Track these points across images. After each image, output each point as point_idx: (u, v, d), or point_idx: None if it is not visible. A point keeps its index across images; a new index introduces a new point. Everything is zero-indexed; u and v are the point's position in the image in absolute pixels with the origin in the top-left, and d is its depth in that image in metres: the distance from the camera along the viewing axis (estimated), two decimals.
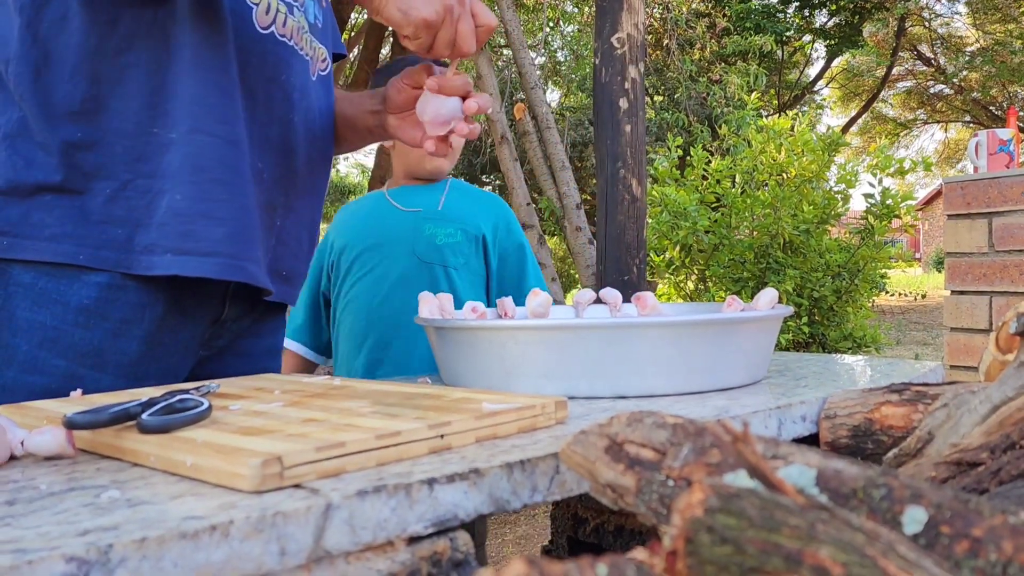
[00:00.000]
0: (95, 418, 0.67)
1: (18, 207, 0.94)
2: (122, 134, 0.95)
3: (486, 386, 0.97)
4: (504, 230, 1.88)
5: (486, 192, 1.99)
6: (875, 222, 4.20)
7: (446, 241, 1.78)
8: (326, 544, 0.52)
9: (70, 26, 0.94)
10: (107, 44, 0.95)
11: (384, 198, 1.86)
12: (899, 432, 0.82)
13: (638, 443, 0.54)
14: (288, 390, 0.90)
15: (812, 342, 4.12)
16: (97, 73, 0.95)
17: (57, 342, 0.94)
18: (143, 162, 0.96)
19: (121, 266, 0.95)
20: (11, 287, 0.94)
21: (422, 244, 1.77)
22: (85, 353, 0.96)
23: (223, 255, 0.99)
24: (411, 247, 1.77)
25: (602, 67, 2.86)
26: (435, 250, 1.77)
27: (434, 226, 1.79)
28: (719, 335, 0.94)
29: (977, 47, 15.80)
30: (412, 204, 1.82)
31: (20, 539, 0.46)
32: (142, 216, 0.96)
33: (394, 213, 1.82)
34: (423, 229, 1.78)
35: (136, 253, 0.96)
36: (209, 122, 0.98)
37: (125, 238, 0.95)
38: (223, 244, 0.99)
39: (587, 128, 9.83)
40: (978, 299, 2.31)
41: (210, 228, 0.98)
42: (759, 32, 10.08)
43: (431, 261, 1.76)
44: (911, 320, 11.22)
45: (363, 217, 1.86)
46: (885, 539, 0.37)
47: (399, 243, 1.78)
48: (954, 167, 22.86)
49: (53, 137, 0.94)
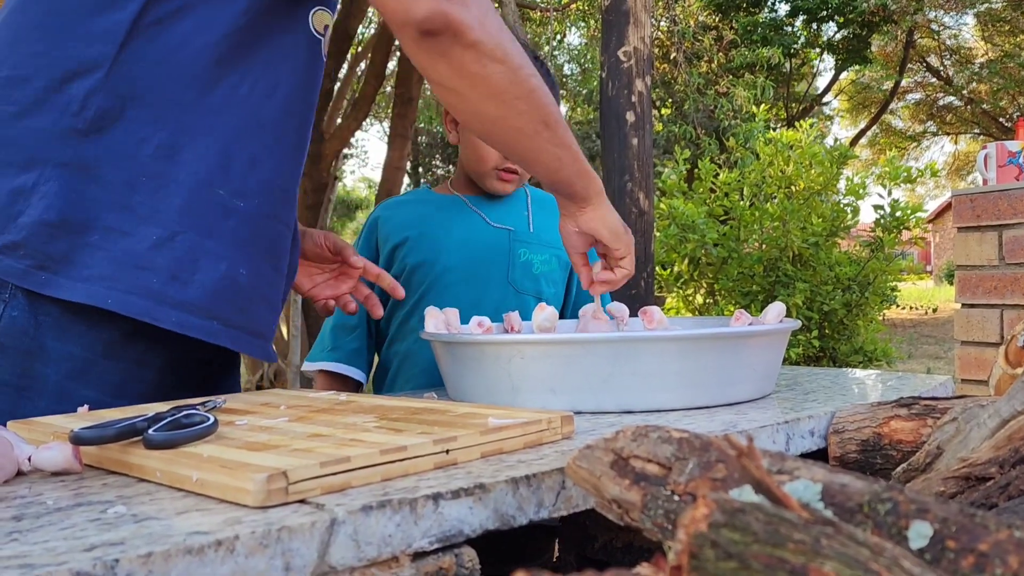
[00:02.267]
0: (101, 433, 0.67)
1: (64, 243, 0.91)
2: (186, 185, 0.94)
3: (492, 401, 0.97)
4: None
5: None
6: (885, 235, 4.19)
7: (543, 270, 1.55)
8: (331, 560, 0.52)
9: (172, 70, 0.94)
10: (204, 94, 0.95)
11: (464, 205, 1.56)
12: (908, 447, 0.81)
13: (643, 458, 0.54)
14: (294, 405, 0.90)
15: (822, 356, 4.10)
16: (182, 122, 0.94)
17: (87, 373, 0.94)
18: (198, 217, 0.95)
19: (148, 315, 0.92)
20: (40, 317, 0.92)
21: (517, 271, 1.52)
22: (114, 384, 0.95)
23: (266, 338, 1.03)
24: (505, 273, 1.52)
25: (609, 81, 2.87)
26: (531, 279, 1.54)
27: (529, 251, 1.54)
28: (726, 349, 0.94)
29: (985, 59, 15.78)
30: (498, 219, 1.55)
31: (27, 554, 0.47)
32: (182, 270, 0.94)
33: (483, 229, 1.54)
34: (518, 253, 1.53)
35: (167, 306, 0.93)
36: (280, 207, 1.02)
37: (159, 287, 0.93)
38: (270, 328, 1.04)
39: (594, 141, 9.85)
40: (989, 312, 2.30)
41: (265, 313, 1.02)
42: (766, 45, 10.10)
43: (524, 291, 1.53)
44: (923, 333, 11.16)
45: (442, 227, 1.54)
46: (890, 554, 0.37)
47: (492, 267, 1.52)
48: (964, 179, 22.79)
49: (115, 175, 0.92)
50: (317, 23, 1.04)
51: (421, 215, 1.56)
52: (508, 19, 4.94)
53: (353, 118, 6.75)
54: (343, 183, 17.58)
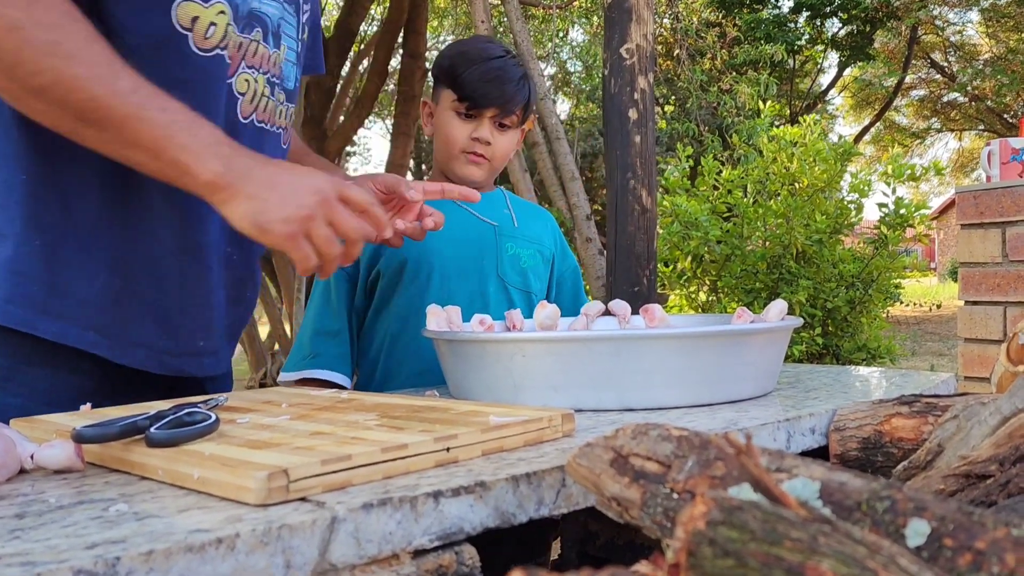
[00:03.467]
0: (104, 432, 0.68)
1: None
2: (89, 215, 0.95)
3: (494, 399, 0.97)
4: (561, 252, 1.65)
5: (538, 206, 1.75)
6: (889, 232, 4.18)
7: (529, 264, 1.54)
8: (331, 557, 0.52)
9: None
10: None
11: (450, 201, 1.46)
12: (909, 444, 0.81)
13: (643, 456, 0.54)
14: (295, 403, 0.90)
15: (826, 353, 4.09)
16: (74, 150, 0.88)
17: (10, 380, 0.95)
18: (74, 229, 0.95)
19: (27, 326, 0.93)
20: None
21: (506, 265, 1.51)
22: (42, 391, 0.95)
23: (159, 350, 1.03)
24: (495, 267, 1.51)
25: (611, 78, 2.87)
26: (520, 273, 1.53)
27: (516, 245, 1.53)
28: (727, 347, 0.94)
29: (990, 55, 15.74)
30: (483, 214, 1.54)
31: (29, 552, 0.47)
32: (59, 280, 0.95)
33: (471, 223, 1.52)
34: (505, 247, 1.52)
35: (48, 317, 0.94)
36: (158, 225, 0.99)
37: (42, 297, 0.94)
38: (161, 340, 1.03)
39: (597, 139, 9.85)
40: (992, 309, 2.29)
41: (151, 327, 1.01)
42: (770, 42, 10.08)
43: (513, 285, 1.52)
44: (926, 331, 11.14)
45: None
46: (887, 552, 0.37)
47: (482, 260, 1.50)
48: (968, 176, 22.73)
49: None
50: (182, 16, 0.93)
51: None
52: (511, 16, 4.94)
53: (356, 116, 6.74)
54: None
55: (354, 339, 1.52)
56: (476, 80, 1.46)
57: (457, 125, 1.49)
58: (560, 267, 1.64)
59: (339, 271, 1.50)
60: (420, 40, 6.17)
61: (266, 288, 7.57)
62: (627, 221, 2.82)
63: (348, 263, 0.89)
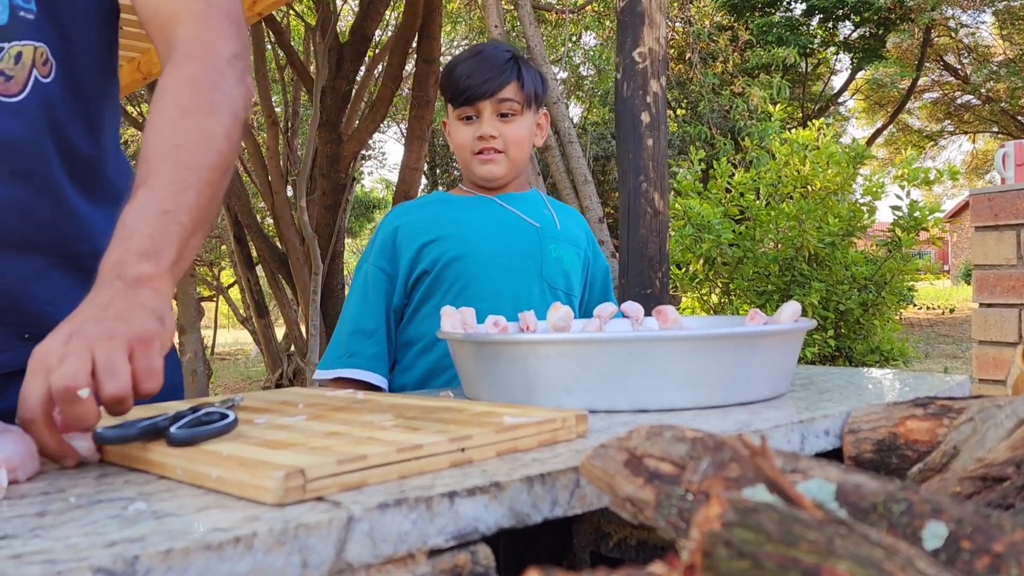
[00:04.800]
0: (124, 433, 0.68)
1: None
2: None
3: (508, 400, 0.97)
4: (593, 253, 1.63)
5: (569, 207, 1.73)
6: (902, 234, 4.16)
7: (571, 266, 1.54)
8: (347, 557, 0.53)
9: None
10: None
11: (493, 202, 1.54)
12: (924, 447, 0.81)
13: (657, 457, 0.55)
14: (311, 404, 0.91)
15: (839, 355, 4.08)
16: None
17: None
18: None
19: None
20: None
21: (550, 267, 1.50)
22: None
23: None
24: (539, 269, 1.49)
25: (624, 81, 2.87)
26: (563, 275, 1.52)
27: (558, 247, 1.52)
28: (740, 349, 0.94)
29: (1004, 57, 15.64)
30: (526, 215, 1.54)
31: (50, 550, 0.47)
32: None
33: (515, 223, 1.51)
34: (548, 249, 1.51)
35: None
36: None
37: None
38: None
39: (609, 142, 9.84)
40: (1007, 312, 2.28)
41: None
42: (782, 45, 10.05)
43: (557, 287, 1.51)
44: (940, 333, 11.07)
45: (472, 223, 1.50)
46: (904, 554, 0.37)
47: (527, 261, 1.49)
48: (982, 178, 22.58)
49: None
50: None
51: (446, 213, 1.52)
52: (524, 21, 4.95)
53: (371, 120, 6.77)
54: (361, 184, 17.61)
55: (391, 338, 1.50)
56: (462, 78, 1.48)
57: (462, 131, 1.52)
58: (593, 268, 1.63)
59: (375, 269, 1.49)
60: (434, 45, 6.20)
61: (282, 290, 7.60)
62: (639, 224, 2.82)
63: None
